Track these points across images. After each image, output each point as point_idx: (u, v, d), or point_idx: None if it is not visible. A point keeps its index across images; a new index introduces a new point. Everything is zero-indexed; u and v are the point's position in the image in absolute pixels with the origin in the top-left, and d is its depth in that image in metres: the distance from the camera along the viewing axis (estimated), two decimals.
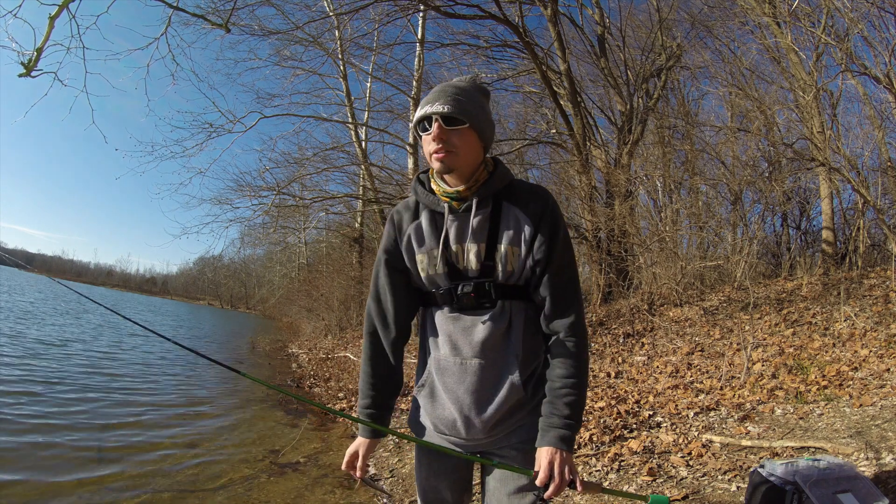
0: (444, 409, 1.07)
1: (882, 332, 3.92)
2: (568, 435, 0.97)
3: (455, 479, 1.16)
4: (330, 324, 13.62)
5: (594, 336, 5.88)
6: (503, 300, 1.03)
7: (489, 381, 1.03)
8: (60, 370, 5.94)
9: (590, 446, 3.03)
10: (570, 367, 1.00)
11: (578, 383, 1.00)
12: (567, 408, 0.98)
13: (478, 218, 1.02)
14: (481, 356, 1.03)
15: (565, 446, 0.96)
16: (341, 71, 11.75)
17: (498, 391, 1.02)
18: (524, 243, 1.01)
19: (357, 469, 1.14)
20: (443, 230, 1.04)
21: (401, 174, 10.84)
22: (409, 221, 1.10)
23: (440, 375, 1.07)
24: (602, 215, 7.00)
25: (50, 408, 4.25)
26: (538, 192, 1.05)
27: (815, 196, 7.62)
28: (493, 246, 1.02)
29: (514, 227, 1.02)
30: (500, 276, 1.02)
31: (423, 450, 1.17)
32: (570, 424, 0.98)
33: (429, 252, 1.07)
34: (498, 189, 1.04)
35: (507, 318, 1.03)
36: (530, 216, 1.02)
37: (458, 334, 1.05)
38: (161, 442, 3.79)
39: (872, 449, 2.26)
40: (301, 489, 3.04)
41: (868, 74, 5.28)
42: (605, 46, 8.62)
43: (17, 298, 17.56)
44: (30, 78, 3.75)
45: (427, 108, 0.98)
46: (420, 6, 7.61)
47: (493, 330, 1.02)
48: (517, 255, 1.01)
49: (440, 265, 1.05)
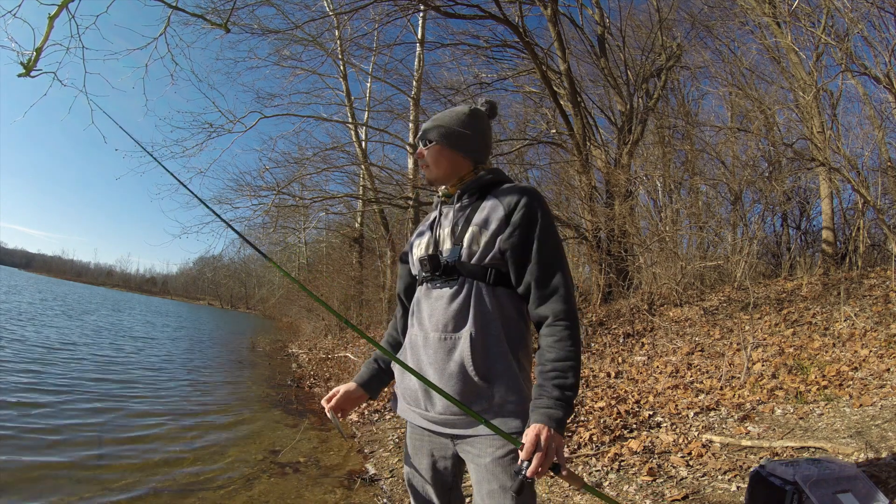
0: (410, 380, 1.14)
1: (882, 332, 3.92)
2: (559, 415, 0.94)
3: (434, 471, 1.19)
4: (330, 324, 13.60)
5: (594, 336, 5.88)
6: (467, 278, 1.09)
7: (445, 356, 1.07)
8: (63, 374, 5.94)
9: (590, 446, 3.03)
10: (559, 349, 1.00)
11: (568, 366, 0.99)
12: (556, 389, 0.97)
13: (459, 206, 1.19)
14: (440, 330, 1.09)
15: (554, 424, 0.93)
16: (341, 71, 11.76)
17: (451, 367, 1.05)
18: (491, 226, 1.09)
19: (332, 401, 1.25)
20: (436, 221, 1.24)
21: (401, 174, 10.83)
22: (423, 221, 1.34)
23: (410, 348, 1.16)
24: (602, 215, 7.00)
25: (49, 407, 4.25)
26: (522, 189, 1.14)
27: (815, 196, 7.63)
28: (466, 228, 1.13)
29: (487, 213, 1.12)
30: (464, 255, 1.10)
31: (408, 434, 1.26)
32: (559, 405, 0.96)
33: (421, 238, 1.24)
34: (483, 184, 1.19)
35: (468, 295, 1.08)
36: (504, 205, 1.11)
37: (424, 308, 1.14)
38: (161, 442, 3.78)
39: (872, 449, 2.26)
40: (301, 489, 3.04)
41: (868, 74, 5.28)
42: (605, 46, 8.62)
43: (16, 299, 17.56)
44: (29, 78, 3.73)
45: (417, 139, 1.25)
46: (420, 6, 7.60)
47: (450, 303, 1.08)
48: (483, 236, 1.09)
49: (425, 248, 1.20)
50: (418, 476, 1.22)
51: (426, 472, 1.20)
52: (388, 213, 12.05)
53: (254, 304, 41.74)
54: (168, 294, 69.04)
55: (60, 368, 6.05)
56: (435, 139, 1.19)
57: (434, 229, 1.21)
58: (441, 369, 1.07)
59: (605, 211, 7.10)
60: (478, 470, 1.06)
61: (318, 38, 9.53)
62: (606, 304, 7.12)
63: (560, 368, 0.99)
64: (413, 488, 1.25)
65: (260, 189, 9.53)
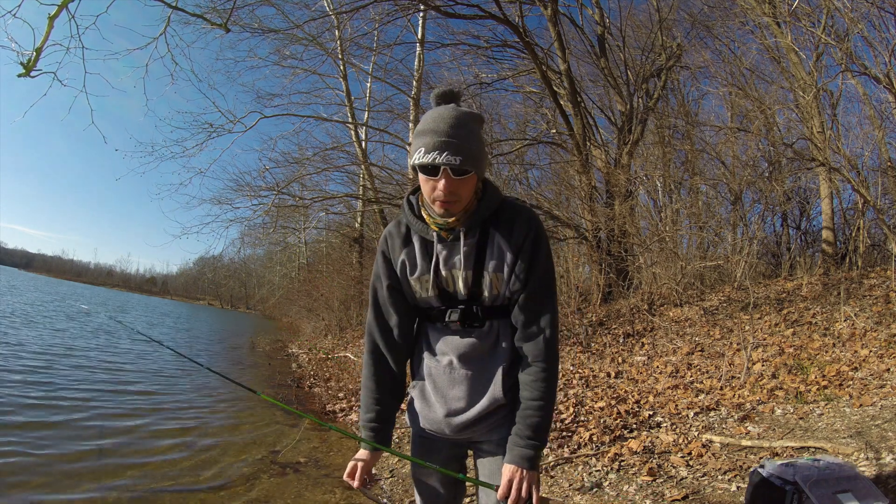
0: (433, 411, 1.15)
1: (882, 332, 3.92)
2: (530, 454, 1.05)
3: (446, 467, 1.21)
4: (330, 324, 13.61)
5: (594, 336, 5.88)
6: (491, 320, 1.12)
7: (475, 389, 1.12)
8: (64, 374, 5.93)
9: (590, 446, 3.03)
10: (537, 390, 1.07)
11: (544, 405, 1.07)
12: (529, 429, 1.06)
13: (465, 247, 1.08)
14: (469, 367, 1.12)
15: (527, 465, 1.04)
16: (341, 71, 11.75)
17: (481, 398, 1.11)
18: (507, 269, 1.08)
19: (356, 479, 1.16)
20: (433, 258, 1.11)
21: (401, 174, 10.83)
22: (400, 248, 1.15)
23: (431, 380, 1.16)
24: (602, 215, 7.00)
25: (48, 406, 4.25)
26: (522, 217, 1.09)
27: (815, 196, 7.63)
28: (480, 273, 1.09)
29: (498, 256, 1.08)
30: (487, 300, 1.10)
31: (416, 444, 1.24)
32: (533, 445, 1.05)
33: (420, 278, 1.13)
34: (485, 217, 1.09)
35: (494, 334, 1.12)
36: (512, 245, 1.07)
37: (449, 347, 1.14)
38: (161, 442, 3.78)
39: (872, 449, 2.26)
40: (301, 489, 3.04)
41: (868, 74, 5.28)
42: (605, 46, 8.62)
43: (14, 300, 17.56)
44: (29, 78, 3.74)
45: (436, 157, 0.97)
46: (420, 6, 7.61)
47: (480, 346, 1.12)
48: (501, 280, 1.09)
49: (431, 289, 1.12)
50: (426, 470, 1.23)
51: (438, 474, 1.21)
52: (388, 213, 12.04)
53: (254, 304, 41.79)
54: (168, 294, 69.06)
55: (60, 368, 6.05)
56: (472, 169, 1.01)
57: (433, 268, 1.10)
58: (470, 401, 1.12)
59: (605, 211, 7.10)
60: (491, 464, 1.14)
61: (318, 38, 9.53)
62: (606, 304, 7.12)
63: (536, 408, 1.07)
64: (420, 482, 1.25)
65: (260, 189, 9.54)
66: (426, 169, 1.01)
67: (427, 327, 1.19)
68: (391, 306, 1.17)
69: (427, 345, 1.18)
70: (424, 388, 1.17)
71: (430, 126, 1.01)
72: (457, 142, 0.98)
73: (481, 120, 1.09)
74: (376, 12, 7.82)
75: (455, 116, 1.02)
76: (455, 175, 0.99)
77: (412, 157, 1.04)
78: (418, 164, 1.01)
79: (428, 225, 1.10)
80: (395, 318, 1.18)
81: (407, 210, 1.14)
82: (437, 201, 1.02)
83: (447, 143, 0.97)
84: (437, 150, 0.97)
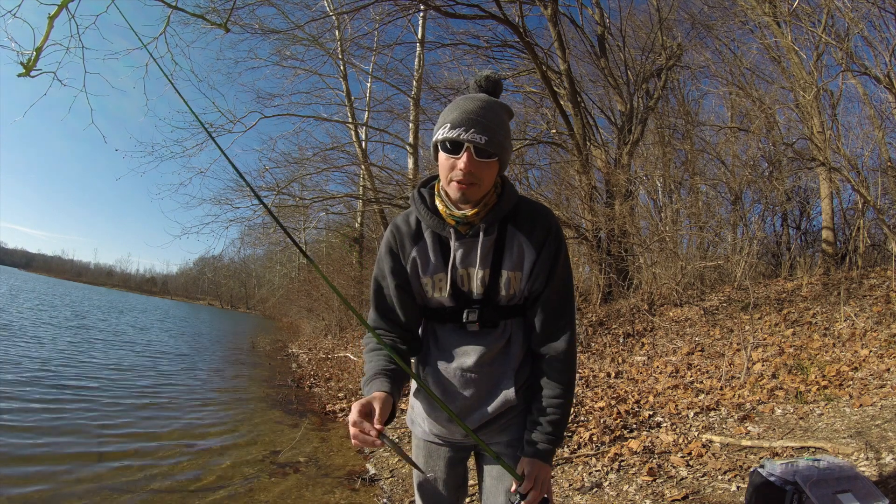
0: (441, 414, 1.13)
1: (882, 332, 3.92)
2: (551, 450, 1.06)
3: (450, 474, 1.20)
4: (330, 324, 13.61)
5: (594, 336, 5.88)
6: (504, 320, 1.09)
7: (486, 390, 1.09)
8: (63, 374, 5.94)
9: (590, 446, 3.03)
10: (558, 388, 1.07)
11: (564, 403, 1.07)
12: (551, 426, 1.06)
13: (485, 244, 1.03)
14: (480, 369, 1.08)
15: (548, 460, 1.06)
16: (341, 71, 11.75)
17: (493, 400, 1.09)
18: (525, 269, 1.04)
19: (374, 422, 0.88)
20: (450, 256, 1.04)
21: (401, 174, 10.84)
22: (411, 244, 1.07)
23: (440, 381, 1.11)
24: (602, 215, 7.00)
25: (47, 406, 4.25)
26: (542, 216, 1.05)
27: (815, 196, 7.63)
28: (498, 271, 1.04)
29: (517, 254, 1.04)
30: (503, 300, 1.07)
31: (419, 446, 1.23)
32: (552, 440, 1.06)
33: (434, 276, 1.07)
34: (505, 213, 1.03)
35: (507, 335, 1.09)
36: (534, 244, 1.03)
37: (459, 348, 1.09)
38: (161, 442, 3.78)
39: (872, 449, 2.26)
40: (301, 489, 3.04)
41: (868, 74, 5.28)
42: (605, 46, 8.62)
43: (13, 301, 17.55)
44: (29, 78, 3.74)
45: (461, 133, 0.92)
46: (420, 6, 7.61)
47: (493, 347, 1.08)
48: (518, 280, 1.05)
49: (447, 289, 1.06)
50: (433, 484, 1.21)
51: (442, 470, 1.19)
52: (388, 213, 12.04)
53: (254, 304, 41.73)
54: (168, 294, 68.98)
55: (58, 369, 6.05)
56: (496, 154, 0.95)
57: (450, 267, 1.04)
58: (481, 403, 1.10)
59: (605, 211, 7.10)
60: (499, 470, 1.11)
61: (319, 39, 9.52)
62: (606, 304, 7.12)
63: (557, 405, 1.06)
64: (422, 486, 1.23)
65: (260, 189, 9.52)
66: (448, 147, 0.95)
67: (435, 327, 1.13)
68: (398, 306, 1.10)
69: (435, 343, 1.13)
70: (432, 390, 1.13)
71: (460, 105, 0.96)
72: (485, 122, 0.94)
73: (511, 113, 1.04)
74: (376, 12, 7.83)
75: (487, 100, 0.98)
76: (478, 156, 0.94)
77: (436, 134, 0.98)
78: (441, 140, 0.96)
79: (443, 219, 1.03)
80: (401, 318, 1.10)
81: (419, 203, 1.05)
82: (455, 182, 0.96)
83: (475, 122, 0.93)
84: (464, 127, 0.93)
